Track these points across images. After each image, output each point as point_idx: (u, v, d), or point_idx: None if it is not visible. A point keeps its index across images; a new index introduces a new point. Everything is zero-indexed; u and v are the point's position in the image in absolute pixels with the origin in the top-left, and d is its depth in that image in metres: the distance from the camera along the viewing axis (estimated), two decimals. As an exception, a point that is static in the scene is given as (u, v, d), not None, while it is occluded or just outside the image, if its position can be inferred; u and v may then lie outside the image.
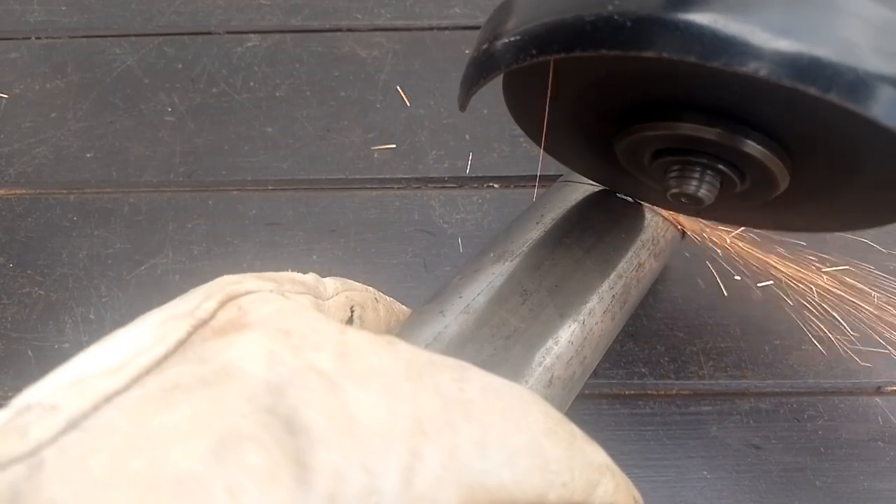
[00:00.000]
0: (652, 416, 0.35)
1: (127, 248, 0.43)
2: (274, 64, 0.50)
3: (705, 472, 0.35)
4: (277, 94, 0.49)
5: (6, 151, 0.47)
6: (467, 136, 0.46)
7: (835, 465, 0.34)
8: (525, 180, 0.45)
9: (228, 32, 0.52)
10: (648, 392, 0.36)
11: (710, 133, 0.21)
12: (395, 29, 0.52)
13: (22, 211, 0.45)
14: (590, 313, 0.28)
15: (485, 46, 0.20)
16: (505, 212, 0.43)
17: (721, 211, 0.28)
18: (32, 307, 0.41)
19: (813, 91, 0.16)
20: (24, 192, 0.45)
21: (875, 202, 0.24)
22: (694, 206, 0.23)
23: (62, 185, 0.46)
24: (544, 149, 0.28)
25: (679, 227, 0.34)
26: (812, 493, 0.34)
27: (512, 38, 0.19)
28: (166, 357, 0.16)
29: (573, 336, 0.27)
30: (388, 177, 0.45)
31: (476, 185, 0.44)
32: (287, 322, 0.17)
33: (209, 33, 0.52)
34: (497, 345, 0.25)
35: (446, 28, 0.52)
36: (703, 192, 0.22)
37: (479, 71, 0.20)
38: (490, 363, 0.25)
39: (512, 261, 0.29)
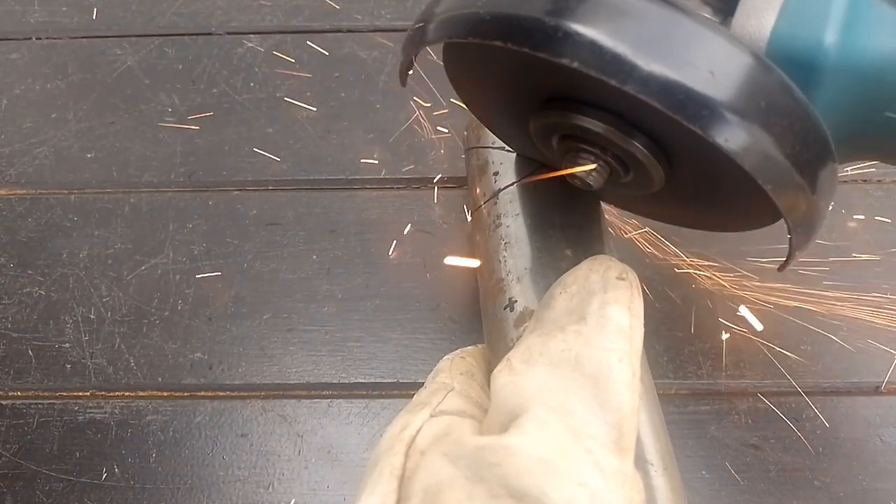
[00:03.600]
0: (651, 416, 0.36)
1: (127, 248, 0.43)
2: (274, 65, 0.50)
3: (704, 472, 0.35)
4: (278, 95, 0.49)
5: (7, 151, 0.47)
6: (467, 137, 0.46)
7: (833, 465, 0.35)
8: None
9: (229, 33, 0.52)
10: (647, 392, 0.36)
11: (599, 128, 0.24)
12: (396, 30, 0.52)
13: (23, 211, 0.45)
14: None
15: (416, 26, 0.25)
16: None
17: (614, 198, 0.33)
18: (33, 307, 0.41)
19: (629, 89, 0.19)
20: (24, 192, 0.45)
21: (737, 208, 0.28)
22: (585, 188, 0.27)
23: (63, 185, 0.46)
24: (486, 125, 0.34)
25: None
26: (810, 492, 0.34)
27: (425, 24, 0.24)
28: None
29: None
30: (388, 177, 0.45)
31: (475, 186, 0.44)
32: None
33: (210, 34, 0.52)
34: None
35: (446, 29, 0.52)
36: (591, 178, 0.26)
37: (410, 46, 0.25)
38: None
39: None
